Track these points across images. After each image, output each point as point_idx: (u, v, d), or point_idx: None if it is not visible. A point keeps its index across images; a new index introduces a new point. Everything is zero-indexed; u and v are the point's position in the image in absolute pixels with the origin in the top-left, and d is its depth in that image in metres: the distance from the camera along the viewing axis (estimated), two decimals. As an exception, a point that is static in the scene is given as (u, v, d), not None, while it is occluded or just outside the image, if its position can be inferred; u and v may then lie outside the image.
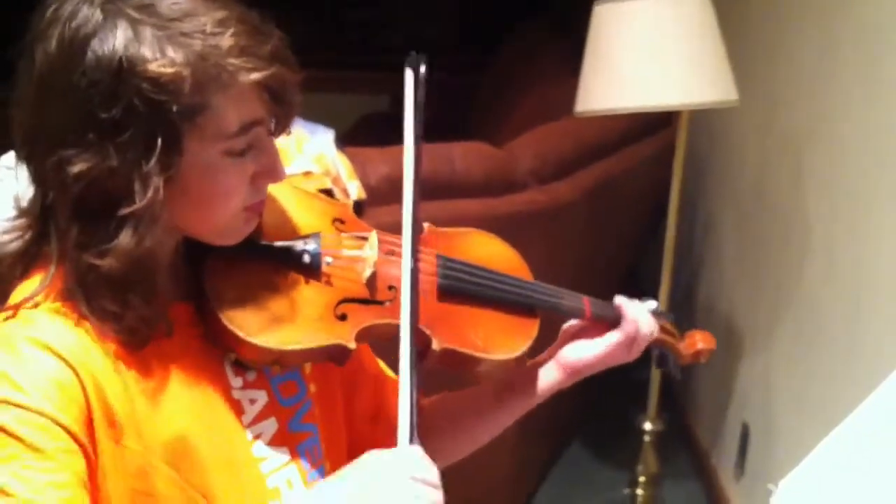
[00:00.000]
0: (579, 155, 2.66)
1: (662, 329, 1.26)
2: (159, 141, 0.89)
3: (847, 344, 1.99)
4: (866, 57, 1.91)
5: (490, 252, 1.21)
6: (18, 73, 0.94)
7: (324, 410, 1.13)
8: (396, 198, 2.18)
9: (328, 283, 1.06)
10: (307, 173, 2.21)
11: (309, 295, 1.05)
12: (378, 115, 4.48)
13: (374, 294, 1.08)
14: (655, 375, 2.58)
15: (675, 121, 2.46)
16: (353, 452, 1.16)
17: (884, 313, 1.81)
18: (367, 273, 1.08)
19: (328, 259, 1.07)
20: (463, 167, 2.47)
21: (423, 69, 1.13)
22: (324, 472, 1.11)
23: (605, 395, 2.79)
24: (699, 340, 1.30)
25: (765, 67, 2.53)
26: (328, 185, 2.31)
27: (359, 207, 2.35)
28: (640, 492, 2.68)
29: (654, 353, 1.33)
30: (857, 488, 1.07)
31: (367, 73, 4.74)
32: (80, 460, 0.91)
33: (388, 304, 1.08)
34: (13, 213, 1.00)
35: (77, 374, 0.92)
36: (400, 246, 1.10)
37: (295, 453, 1.08)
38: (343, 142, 2.45)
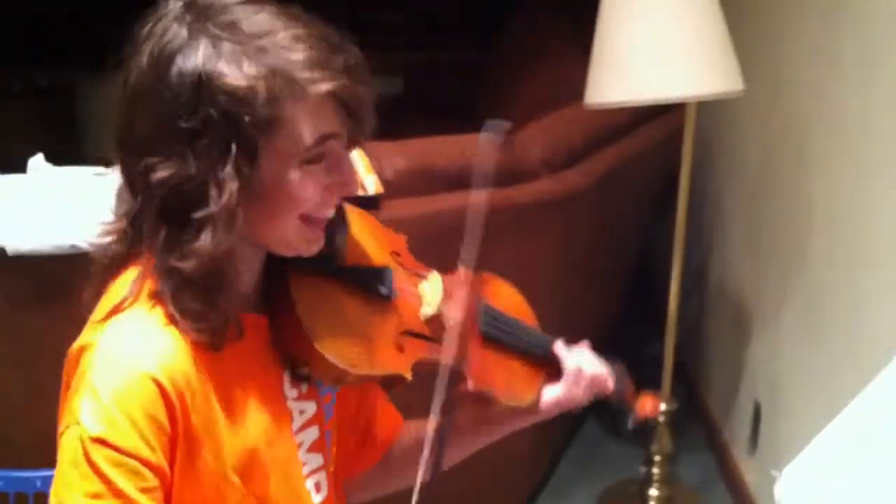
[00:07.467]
0: (589, 142, 2.69)
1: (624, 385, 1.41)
2: (234, 148, 0.95)
3: (848, 322, 2.04)
4: (864, 43, 1.96)
5: (511, 300, 1.31)
6: (116, 85, 1.01)
7: (339, 416, 1.20)
8: (412, 191, 2.22)
9: (394, 315, 1.13)
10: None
11: (378, 323, 1.11)
12: (387, 98, 4.44)
13: (430, 331, 1.16)
14: (669, 355, 2.64)
15: (682, 107, 2.51)
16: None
17: (882, 292, 1.86)
18: (430, 312, 1.16)
19: (397, 293, 1.13)
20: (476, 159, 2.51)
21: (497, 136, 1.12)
22: (326, 476, 1.16)
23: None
24: (649, 401, 1.56)
25: (767, 55, 2.57)
26: (346, 181, 2.35)
27: (376, 201, 2.40)
28: (655, 470, 2.74)
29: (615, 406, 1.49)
30: (859, 476, 1.13)
31: (371, 52, 4.68)
32: (159, 495, 0.97)
33: (440, 341, 1.13)
34: (110, 216, 1.06)
35: (169, 396, 0.96)
36: (456, 288, 1.17)
37: (326, 457, 1.15)
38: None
